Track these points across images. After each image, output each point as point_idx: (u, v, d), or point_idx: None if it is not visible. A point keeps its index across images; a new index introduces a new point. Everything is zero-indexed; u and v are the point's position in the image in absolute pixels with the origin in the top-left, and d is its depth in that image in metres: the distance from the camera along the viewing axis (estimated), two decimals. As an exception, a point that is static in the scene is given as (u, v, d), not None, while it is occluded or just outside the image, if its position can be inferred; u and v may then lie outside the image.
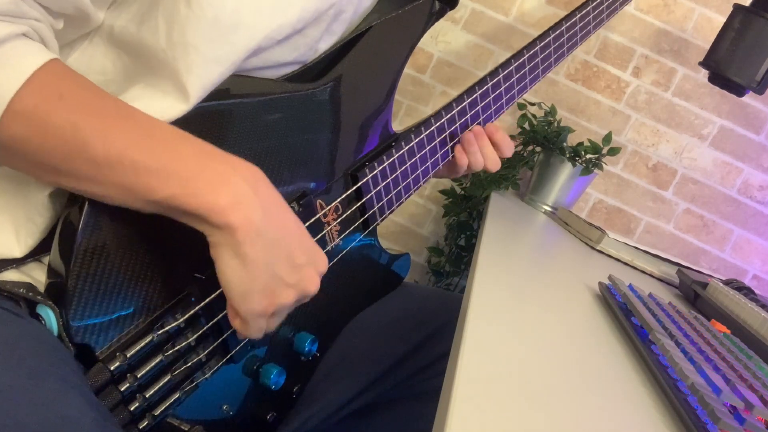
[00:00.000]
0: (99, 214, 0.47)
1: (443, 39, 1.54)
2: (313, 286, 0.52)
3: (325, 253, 0.66)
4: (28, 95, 0.42)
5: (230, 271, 0.46)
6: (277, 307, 0.50)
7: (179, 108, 0.50)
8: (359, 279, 0.75)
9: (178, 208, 0.45)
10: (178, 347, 0.53)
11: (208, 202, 0.45)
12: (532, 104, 1.45)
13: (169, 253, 0.52)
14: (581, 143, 1.35)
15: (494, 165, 0.81)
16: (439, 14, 0.72)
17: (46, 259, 0.50)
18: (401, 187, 0.74)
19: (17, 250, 0.49)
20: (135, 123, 0.46)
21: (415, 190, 0.77)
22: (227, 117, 0.54)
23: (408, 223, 1.62)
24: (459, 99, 0.77)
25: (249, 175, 0.47)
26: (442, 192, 1.51)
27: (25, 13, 0.44)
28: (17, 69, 0.42)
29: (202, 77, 0.50)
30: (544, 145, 1.36)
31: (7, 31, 0.42)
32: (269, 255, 0.48)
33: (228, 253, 0.46)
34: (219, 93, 0.52)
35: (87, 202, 0.46)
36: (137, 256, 0.50)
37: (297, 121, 0.60)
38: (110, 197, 0.45)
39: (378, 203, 0.71)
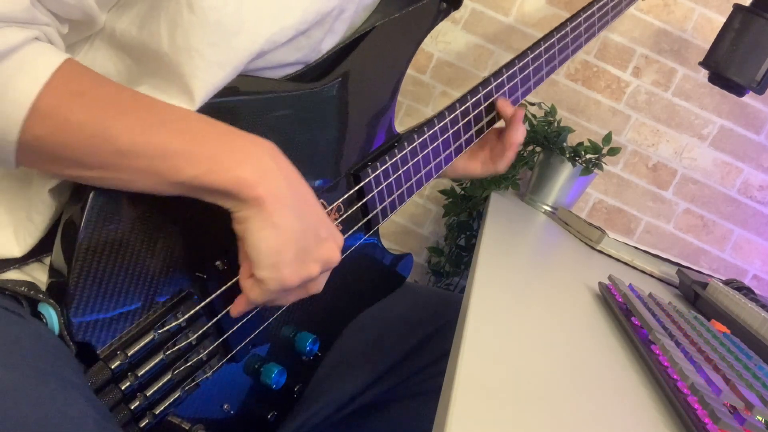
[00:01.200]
0: (100, 214, 0.47)
1: (443, 39, 1.55)
2: (335, 258, 0.53)
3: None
4: (49, 95, 0.42)
5: (263, 241, 0.47)
6: (304, 279, 0.50)
7: None
8: (361, 279, 0.75)
9: (205, 186, 0.46)
10: (179, 346, 0.53)
11: (234, 177, 0.46)
12: (532, 104, 1.45)
13: (170, 252, 0.52)
14: (581, 143, 1.35)
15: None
16: (444, 15, 0.72)
17: (47, 260, 0.50)
18: (404, 188, 0.74)
19: (17, 250, 0.50)
20: (155, 110, 0.47)
21: (417, 191, 0.77)
22: (230, 116, 0.54)
23: (408, 223, 1.62)
24: (462, 99, 0.77)
25: (269, 149, 0.49)
26: (442, 192, 1.51)
27: (37, 19, 0.45)
28: (36, 71, 0.43)
29: (205, 81, 0.50)
30: (544, 145, 1.36)
31: (23, 36, 0.43)
32: (297, 224, 0.49)
33: (258, 224, 0.47)
34: (222, 91, 0.52)
35: (89, 202, 0.46)
36: (138, 255, 0.50)
37: (299, 121, 0.60)
38: (136, 183, 0.46)
39: (380, 203, 0.71)
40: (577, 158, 1.32)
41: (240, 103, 0.54)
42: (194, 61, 0.49)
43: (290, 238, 0.48)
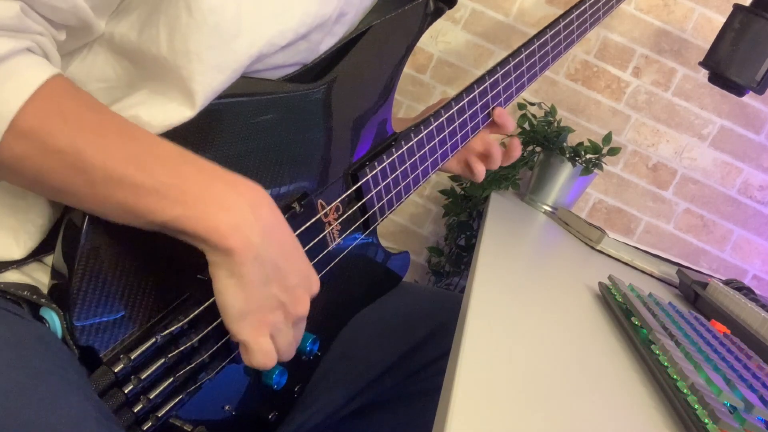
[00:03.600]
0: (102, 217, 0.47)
1: (443, 39, 1.55)
2: (301, 307, 0.52)
3: (326, 252, 0.66)
4: (30, 114, 0.42)
5: (226, 291, 0.47)
6: (270, 326, 0.50)
7: (185, 114, 0.50)
8: (359, 278, 0.75)
9: (178, 230, 0.45)
10: (182, 349, 0.53)
11: (208, 226, 0.45)
12: (532, 104, 1.45)
13: (173, 255, 0.52)
14: (581, 143, 1.35)
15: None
16: (439, 13, 0.73)
17: (47, 260, 0.50)
18: (401, 186, 0.74)
19: (16, 252, 0.50)
20: (137, 142, 0.45)
21: (415, 190, 0.77)
22: (228, 117, 0.54)
23: (408, 223, 1.62)
24: (458, 97, 0.77)
25: (250, 196, 0.48)
26: (442, 192, 1.51)
27: (28, 28, 0.44)
28: (20, 86, 0.42)
29: (204, 85, 0.50)
30: (544, 145, 1.36)
31: (10, 46, 0.42)
32: (265, 276, 0.48)
33: (225, 273, 0.47)
34: (220, 92, 0.52)
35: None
36: (141, 258, 0.50)
37: (297, 121, 0.60)
38: (110, 216, 0.46)
39: (378, 202, 0.72)
40: (577, 158, 1.32)
41: (238, 103, 0.54)
42: (193, 65, 0.49)
43: (254, 288, 0.47)
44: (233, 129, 0.54)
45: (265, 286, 0.49)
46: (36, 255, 0.50)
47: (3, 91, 0.41)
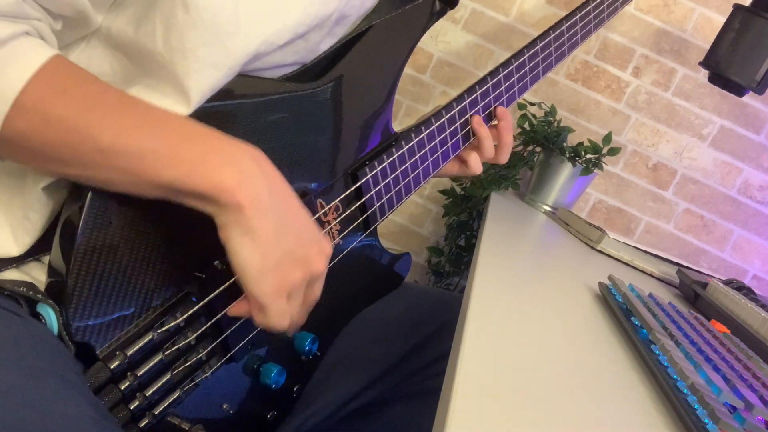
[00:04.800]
0: (99, 213, 0.47)
1: (443, 39, 1.54)
2: (320, 264, 0.52)
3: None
4: (33, 91, 0.42)
5: (242, 249, 0.46)
6: (290, 287, 0.49)
7: (180, 111, 0.50)
8: (360, 279, 0.75)
9: (184, 190, 0.45)
10: (179, 346, 0.53)
11: (214, 182, 0.45)
12: (532, 104, 1.45)
13: (170, 251, 0.52)
14: (581, 143, 1.35)
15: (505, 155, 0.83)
16: (440, 14, 0.72)
17: (45, 259, 0.50)
18: (401, 186, 0.74)
19: (15, 249, 0.49)
20: (138, 111, 0.46)
21: (415, 190, 0.77)
22: (227, 117, 0.54)
23: (408, 223, 1.62)
24: (459, 98, 0.77)
25: (253, 154, 0.48)
26: (442, 192, 1.51)
27: (27, 14, 0.44)
28: (22, 66, 0.42)
29: (200, 82, 0.50)
30: (544, 145, 1.36)
31: (11, 30, 0.43)
32: (278, 230, 0.47)
33: (238, 231, 0.46)
34: (219, 93, 0.52)
35: (87, 202, 0.46)
36: (137, 254, 0.50)
37: (297, 121, 0.60)
38: (116, 183, 0.46)
39: (378, 202, 0.71)
40: (577, 158, 1.32)
41: (237, 105, 0.54)
42: (188, 62, 0.49)
43: (271, 244, 0.47)
44: (233, 128, 0.54)
45: (281, 240, 0.48)
46: (34, 253, 0.50)
47: (5, 72, 0.42)
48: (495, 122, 0.83)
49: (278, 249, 0.48)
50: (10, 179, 0.50)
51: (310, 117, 0.61)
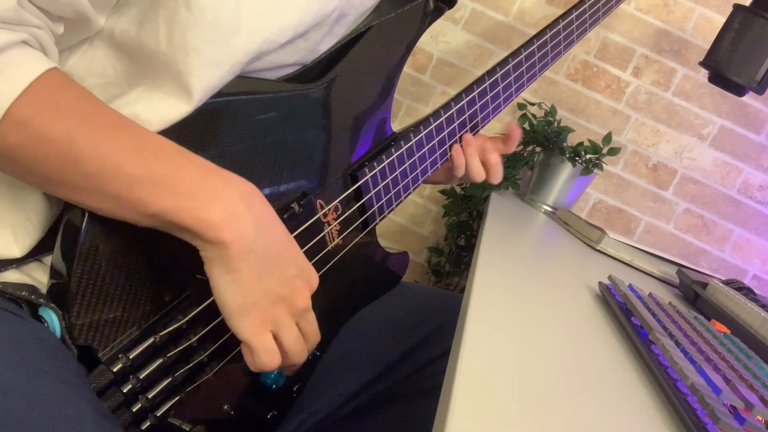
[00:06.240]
0: (101, 217, 0.47)
1: (443, 39, 1.55)
2: (301, 299, 0.52)
3: (326, 252, 0.66)
4: (25, 105, 0.42)
5: (224, 287, 0.47)
6: (272, 322, 0.50)
7: (182, 109, 0.50)
8: (359, 278, 0.75)
9: (171, 223, 0.45)
10: (180, 348, 0.53)
11: (200, 218, 0.45)
12: (532, 104, 1.45)
13: (171, 254, 0.52)
14: (581, 143, 1.35)
15: (496, 176, 0.82)
16: (438, 13, 0.72)
17: (46, 259, 0.50)
18: (400, 186, 0.74)
19: (16, 251, 0.49)
20: (131, 135, 0.45)
21: (413, 190, 0.77)
22: (227, 116, 0.54)
23: (408, 223, 1.62)
24: (457, 98, 0.77)
25: (243, 190, 0.47)
26: (442, 192, 1.51)
27: (24, 20, 0.44)
28: (15, 78, 0.42)
29: (202, 80, 0.50)
30: (544, 145, 1.36)
31: (6, 39, 0.42)
32: (261, 269, 0.48)
33: (221, 268, 0.46)
34: (219, 92, 0.52)
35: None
36: (139, 257, 0.50)
37: (296, 121, 0.60)
38: (104, 209, 0.45)
39: (377, 203, 0.72)
40: (577, 158, 1.32)
41: (236, 104, 0.54)
42: (191, 60, 0.49)
43: (251, 282, 0.47)
44: (233, 128, 0.54)
45: (262, 279, 0.48)
46: (35, 254, 0.50)
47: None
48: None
49: (260, 288, 0.48)
50: (11, 182, 0.50)
51: (310, 117, 0.61)
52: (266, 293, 0.49)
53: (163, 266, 0.52)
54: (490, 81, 0.80)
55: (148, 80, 0.51)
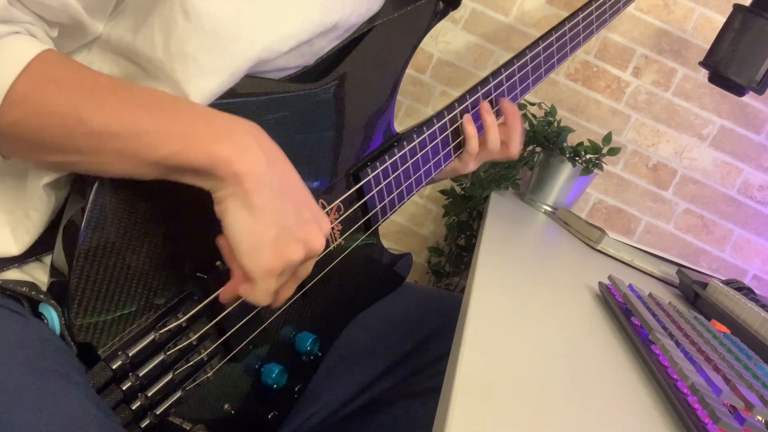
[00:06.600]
0: (101, 215, 0.47)
1: (443, 39, 1.55)
2: (319, 242, 0.50)
3: (327, 252, 0.66)
4: (24, 83, 0.42)
5: (239, 223, 0.45)
6: (286, 263, 0.47)
7: None
8: (361, 279, 0.75)
9: (181, 165, 0.44)
10: (180, 346, 0.53)
11: (211, 153, 0.44)
12: (532, 104, 1.45)
13: (172, 252, 0.52)
14: (581, 143, 1.35)
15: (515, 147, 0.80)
16: (442, 14, 0.72)
17: (46, 259, 0.50)
18: (403, 187, 0.74)
19: (14, 248, 0.49)
20: (132, 92, 0.46)
21: (417, 191, 0.77)
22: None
23: (408, 223, 1.62)
24: (461, 99, 0.77)
25: (250, 127, 0.47)
26: (442, 192, 1.51)
27: (15, 18, 0.44)
28: (12, 61, 0.42)
29: (200, 87, 0.49)
30: (544, 145, 1.36)
31: (3, 30, 0.43)
32: (277, 204, 0.46)
33: (236, 204, 0.45)
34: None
35: (89, 202, 0.46)
36: (139, 255, 0.50)
37: (299, 121, 0.60)
38: (114, 167, 0.45)
39: (380, 203, 0.72)
40: (577, 158, 1.32)
41: (239, 105, 0.54)
42: (189, 68, 0.49)
43: (269, 218, 0.46)
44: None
45: (280, 215, 0.47)
46: (34, 251, 0.50)
47: None
48: (502, 120, 0.82)
49: (276, 224, 0.46)
50: (11, 178, 0.50)
51: (312, 117, 0.61)
52: (284, 231, 0.47)
53: (163, 264, 0.52)
54: (495, 82, 0.80)
55: (146, 83, 0.51)
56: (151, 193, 0.49)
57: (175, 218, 0.51)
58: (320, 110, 0.62)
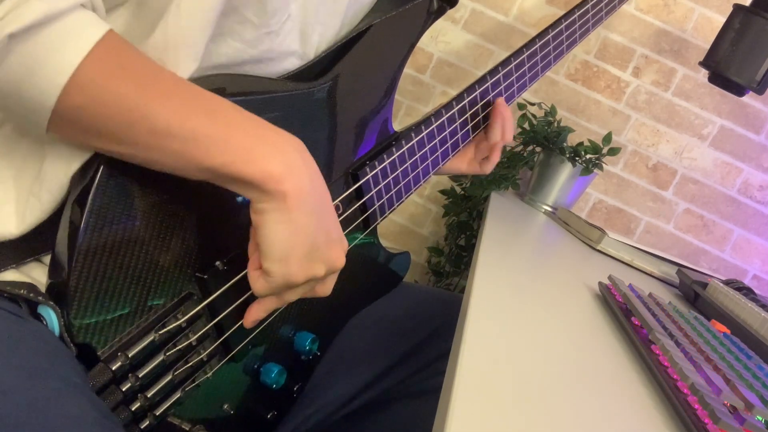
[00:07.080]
0: (101, 215, 0.47)
1: (443, 39, 1.54)
2: (341, 263, 0.54)
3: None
4: (91, 66, 0.42)
5: (276, 235, 0.48)
6: (309, 278, 0.51)
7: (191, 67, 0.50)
8: (359, 278, 0.75)
9: (232, 175, 0.46)
10: (180, 347, 0.53)
11: (264, 170, 0.46)
12: (532, 104, 1.45)
13: (171, 252, 0.52)
14: (581, 143, 1.35)
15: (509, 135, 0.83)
16: (439, 13, 0.72)
17: (45, 259, 0.50)
18: (401, 185, 0.74)
19: (14, 228, 0.48)
20: (193, 93, 0.47)
21: (415, 189, 0.77)
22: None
23: (408, 223, 1.62)
24: (459, 97, 0.77)
25: (297, 145, 0.50)
26: (442, 192, 1.51)
27: None
28: (80, 41, 0.42)
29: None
30: (544, 145, 1.36)
31: (69, 3, 0.42)
32: (313, 222, 0.49)
33: (275, 217, 0.48)
34: (219, 92, 0.52)
35: (89, 202, 0.46)
36: (139, 255, 0.50)
37: (297, 120, 0.60)
38: (162, 163, 0.46)
39: (378, 202, 0.72)
40: (577, 158, 1.32)
41: (238, 104, 0.54)
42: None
43: (304, 236, 0.49)
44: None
45: (314, 235, 0.50)
46: (33, 250, 0.50)
47: (64, 45, 0.42)
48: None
49: (309, 242, 0.50)
50: (24, 157, 0.49)
51: (310, 116, 0.61)
52: (314, 249, 0.50)
53: (163, 265, 0.52)
54: (492, 80, 0.80)
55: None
56: (152, 193, 0.49)
57: (175, 218, 0.51)
58: (318, 109, 0.62)
